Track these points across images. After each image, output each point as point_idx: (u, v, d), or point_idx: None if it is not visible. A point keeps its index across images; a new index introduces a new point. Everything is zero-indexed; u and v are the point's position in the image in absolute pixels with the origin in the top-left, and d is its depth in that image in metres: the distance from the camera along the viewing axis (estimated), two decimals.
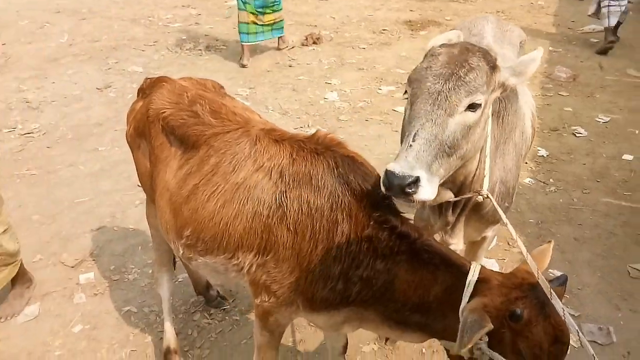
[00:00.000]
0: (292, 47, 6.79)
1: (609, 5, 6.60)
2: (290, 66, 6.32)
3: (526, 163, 4.11)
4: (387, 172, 1.32)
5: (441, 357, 2.53)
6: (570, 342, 1.30)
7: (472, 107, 1.44)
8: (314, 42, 7.05)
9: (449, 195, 1.69)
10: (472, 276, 1.36)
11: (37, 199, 3.74)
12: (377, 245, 1.48)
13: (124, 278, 3.05)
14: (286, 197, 1.54)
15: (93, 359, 2.53)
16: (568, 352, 1.31)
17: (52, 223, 3.50)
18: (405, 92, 1.56)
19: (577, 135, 4.68)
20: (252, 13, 6.12)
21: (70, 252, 3.23)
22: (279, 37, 6.65)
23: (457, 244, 1.98)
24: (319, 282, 1.53)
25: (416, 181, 1.30)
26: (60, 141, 4.55)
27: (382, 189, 1.35)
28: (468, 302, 1.34)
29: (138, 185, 3.67)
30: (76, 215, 3.59)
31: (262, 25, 6.25)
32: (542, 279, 1.23)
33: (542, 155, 4.35)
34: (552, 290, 1.20)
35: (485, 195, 1.68)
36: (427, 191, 1.33)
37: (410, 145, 1.35)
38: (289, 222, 1.53)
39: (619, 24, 6.68)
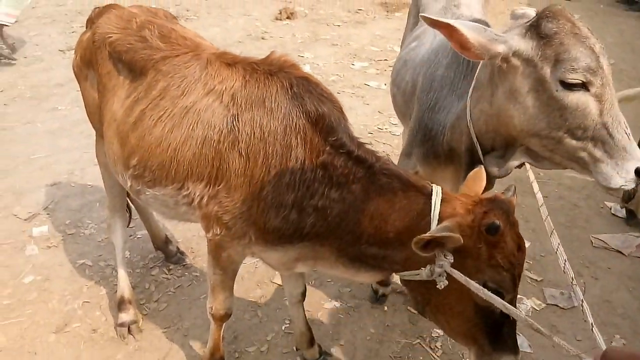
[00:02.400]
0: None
1: None
2: (262, 38, 6.21)
3: None
4: None
5: (403, 315, 2.51)
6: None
7: None
8: (288, 17, 6.95)
9: None
10: (436, 197, 1.30)
11: None
12: (333, 172, 1.41)
13: (80, 232, 2.93)
14: (238, 120, 1.46)
15: (44, 309, 2.42)
16: None
17: (5, 177, 3.34)
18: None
19: None
20: None
21: (24, 206, 3.10)
22: None
23: None
24: (272, 211, 1.46)
25: None
26: (18, 100, 4.35)
27: (636, 182, 1.34)
28: (438, 224, 1.28)
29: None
30: (32, 170, 3.44)
31: None
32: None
33: None
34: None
35: None
36: None
37: (630, 134, 1.35)
38: (240, 147, 1.46)
39: None
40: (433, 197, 1.32)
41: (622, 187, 1.34)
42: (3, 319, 2.36)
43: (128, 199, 2.41)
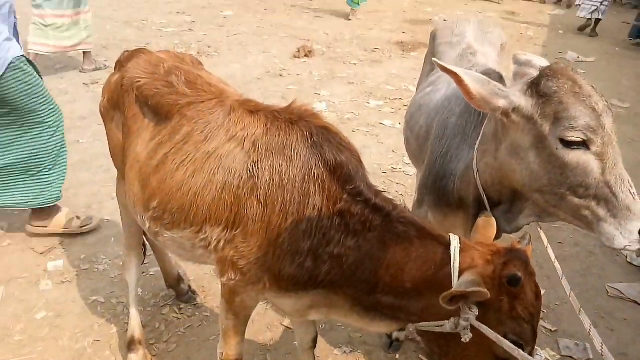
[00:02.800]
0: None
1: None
2: (280, 75, 6.34)
3: None
4: None
5: None
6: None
7: None
8: (306, 55, 7.11)
9: None
10: (455, 247, 1.30)
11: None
12: (350, 220, 1.42)
13: (94, 268, 2.95)
14: (258, 167, 1.49)
15: (55, 347, 2.42)
16: None
17: (25, 211, 3.39)
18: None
19: None
20: None
21: (41, 239, 3.13)
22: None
23: None
24: (287, 258, 1.47)
25: None
26: None
27: None
28: (458, 275, 1.27)
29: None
30: None
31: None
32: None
33: None
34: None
35: None
36: None
37: (635, 194, 1.34)
38: (259, 193, 1.48)
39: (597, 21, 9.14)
40: (452, 247, 1.32)
41: (627, 247, 1.32)
42: (14, 356, 2.36)
43: (144, 237, 2.43)
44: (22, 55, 2.71)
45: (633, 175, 1.42)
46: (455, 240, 1.34)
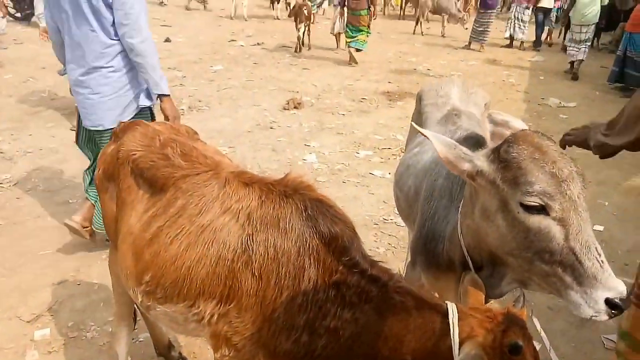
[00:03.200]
0: None
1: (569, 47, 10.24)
2: (271, 128, 6.44)
3: None
4: (621, 300, 1.28)
5: None
6: None
7: None
8: (295, 107, 7.25)
9: None
10: (454, 317, 1.29)
11: (0, 251, 3.58)
12: (346, 292, 1.41)
13: (82, 336, 2.86)
14: (252, 240, 1.49)
15: None
16: None
17: (13, 276, 3.33)
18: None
19: None
20: None
21: (29, 306, 3.05)
22: None
23: None
24: (283, 333, 1.45)
25: None
26: (31, 192, 4.44)
27: (609, 314, 1.30)
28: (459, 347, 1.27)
29: (107, 240, 3.57)
30: (39, 268, 3.42)
31: None
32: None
33: None
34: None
35: None
36: None
37: (603, 262, 1.32)
38: (254, 267, 1.47)
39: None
40: (450, 316, 1.32)
41: (593, 317, 1.30)
42: None
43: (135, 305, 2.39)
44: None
45: (623, 220, 1.43)
46: (452, 309, 1.33)
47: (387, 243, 3.96)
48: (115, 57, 2.96)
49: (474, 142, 1.81)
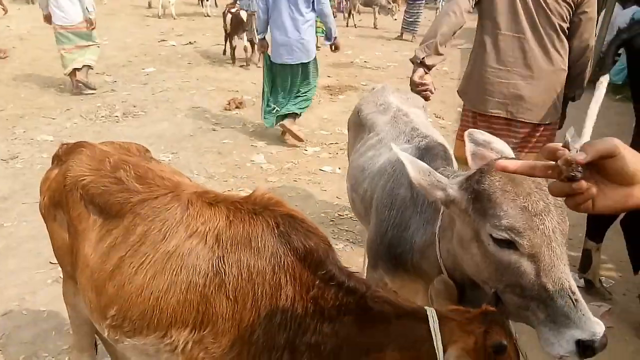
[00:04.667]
0: None
1: None
2: (214, 130, 6.28)
3: None
4: (593, 342, 1.22)
5: None
6: None
7: None
8: (237, 107, 7.11)
9: None
10: (434, 322, 1.29)
11: None
12: (324, 305, 1.39)
13: None
14: (224, 262, 1.43)
15: None
16: None
17: None
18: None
19: None
20: None
21: None
22: None
23: None
24: (264, 355, 1.41)
25: None
26: None
27: (580, 356, 1.25)
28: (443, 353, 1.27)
29: (51, 262, 3.34)
30: None
31: None
32: None
33: None
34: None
35: None
36: None
37: (578, 301, 1.26)
38: (228, 289, 1.42)
39: None
40: (430, 322, 1.32)
41: (563, 357, 1.28)
42: None
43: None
44: None
45: None
46: (432, 315, 1.34)
47: (345, 239, 3.99)
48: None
49: (439, 156, 1.82)
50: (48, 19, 6.99)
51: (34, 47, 9.89)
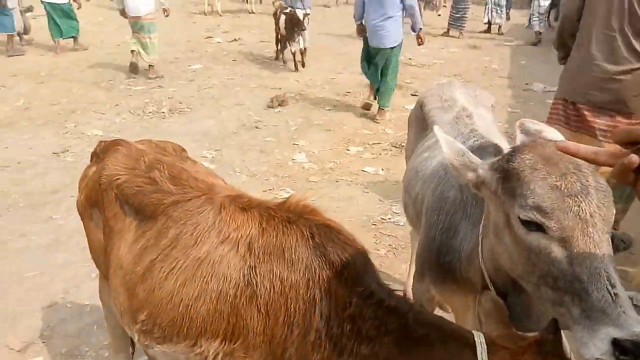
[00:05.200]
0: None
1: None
2: (256, 127, 6.27)
3: None
4: (632, 342, 1.02)
5: None
6: None
7: None
8: (280, 105, 7.08)
9: None
10: (483, 351, 1.17)
11: None
12: (362, 325, 1.30)
13: None
14: (255, 273, 1.36)
15: None
16: None
17: None
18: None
19: None
20: None
21: (18, 334, 2.87)
22: None
23: None
24: None
25: None
26: (12, 210, 4.22)
27: (616, 358, 1.04)
28: None
29: None
30: (26, 291, 3.24)
31: None
32: None
33: None
34: None
35: None
36: None
37: (617, 295, 1.08)
38: (259, 302, 1.34)
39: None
40: (478, 350, 1.20)
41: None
42: None
43: None
44: None
45: None
46: (480, 341, 1.22)
47: (388, 244, 3.85)
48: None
49: (489, 153, 1.69)
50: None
51: (87, 43, 10.23)
